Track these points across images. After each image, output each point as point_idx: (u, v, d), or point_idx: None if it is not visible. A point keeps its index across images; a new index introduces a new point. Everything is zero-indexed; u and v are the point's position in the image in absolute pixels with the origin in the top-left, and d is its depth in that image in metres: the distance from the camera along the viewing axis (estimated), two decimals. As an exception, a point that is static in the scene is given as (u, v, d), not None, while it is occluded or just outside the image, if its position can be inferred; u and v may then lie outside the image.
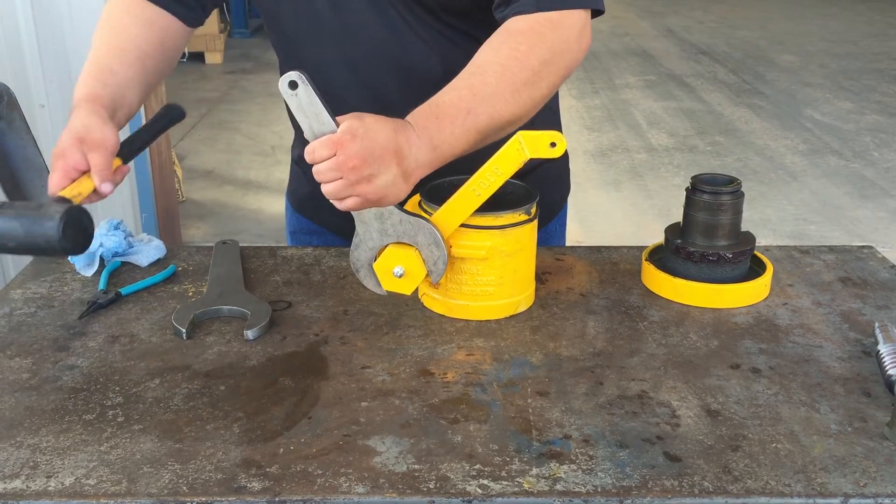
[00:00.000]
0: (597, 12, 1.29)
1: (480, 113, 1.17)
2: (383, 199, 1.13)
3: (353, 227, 1.45)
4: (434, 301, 1.27)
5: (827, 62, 8.54)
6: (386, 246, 1.20)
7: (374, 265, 1.20)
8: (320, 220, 1.63)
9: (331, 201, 1.14)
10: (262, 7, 1.43)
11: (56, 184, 1.16)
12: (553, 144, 1.15)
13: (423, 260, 1.19)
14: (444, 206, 1.19)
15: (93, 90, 1.28)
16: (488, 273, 1.23)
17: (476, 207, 1.19)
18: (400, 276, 1.19)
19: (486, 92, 1.18)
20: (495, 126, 1.20)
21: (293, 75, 1.08)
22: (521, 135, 1.16)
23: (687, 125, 6.48)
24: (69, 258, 1.39)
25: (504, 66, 1.20)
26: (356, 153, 1.08)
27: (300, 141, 1.61)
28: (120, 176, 1.20)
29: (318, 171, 1.10)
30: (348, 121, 1.10)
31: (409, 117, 1.17)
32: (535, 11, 1.23)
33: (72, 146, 1.19)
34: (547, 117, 1.50)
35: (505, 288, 1.25)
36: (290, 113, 1.47)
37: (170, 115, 1.34)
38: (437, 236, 1.18)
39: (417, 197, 1.29)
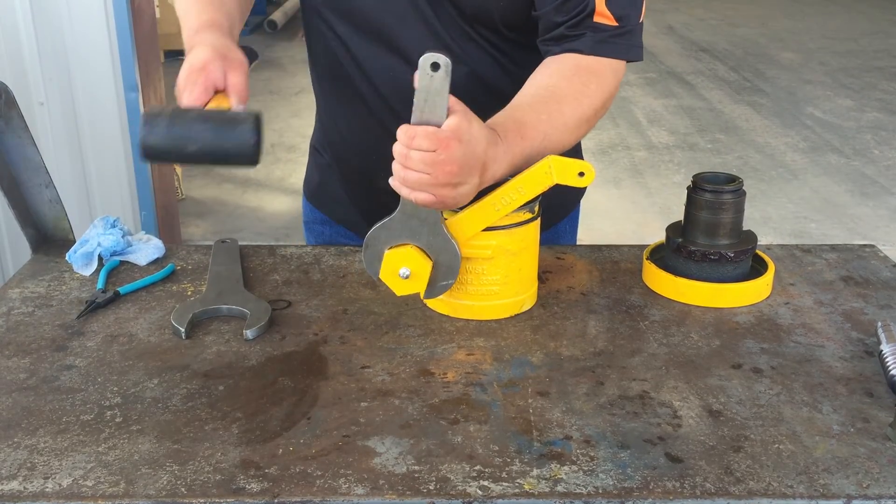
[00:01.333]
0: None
1: (553, 140, 1.22)
2: (455, 204, 1.13)
3: (359, 221, 1.43)
4: (438, 302, 1.26)
5: (827, 60, 8.53)
6: (404, 244, 1.18)
7: (381, 272, 1.19)
8: (329, 211, 1.65)
9: (396, 186, 1.11)
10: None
11: (198, 97, 1.16)
12: (581, 174, 1.17)
13: (431, 276, 1.18)
14: (462, 214, 1.18)
15: (211, 16, 1.29)
16: (494, 272, 1.22)
17: (493, 222, 1.19)
18: (406, 278, 1.18)
19: (561, 122, 1.23)
20: (555, 152, 1.22)
21: (440, 58, 1.05)
22: (552, 159, 1.17)
23: (687, 123, 6.48)
24: (67, 257, 1.38)
25: (577, 100, 1.26)
26: (456, 159, 1.07)
27: (321, 131, 1.61)
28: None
29: (409, 159, 1.07)
30: (457, 120, 1.08)
31: (497, 128, 1.16)
32: (593, 55, 1.29)
33: (214, 62, 1.19)
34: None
35: (510, 287, 1.24)
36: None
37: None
38: (457, 265, 1.18)
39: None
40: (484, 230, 1.20)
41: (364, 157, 1.50)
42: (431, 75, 1.06)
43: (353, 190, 1.58)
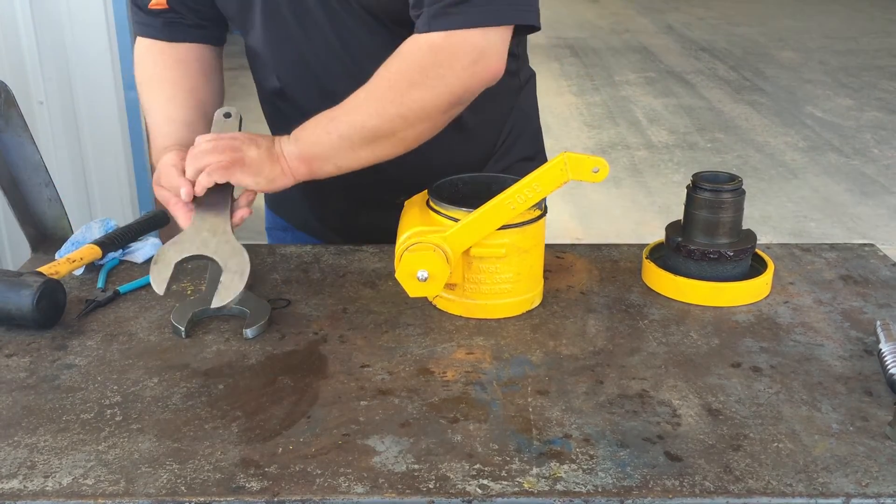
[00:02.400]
0: (524, 28, 1.28)
1: (342, 121, 1.26)
2: (257, 171, 1.26)
3: (323, 225, 1.46)
4: (450, 302, 1.26)
5: (827, 59, 8.53)
6: (183, 259, 1.21)
7: (397, 273, 1.19)
8: (291, 218, 1.67)
9: (195, 179, 1.25)
10: (232, 16, 1.46)
11: (204, 183, 1.26)
12: (596, 170, 1.19)
13: (221, 282, 1.19)
14: (479, 213, 1.18)
15: (177, 139, 1.38)
16: (506, 271, 1.22)
17: (508, 220, 1.19)
18: (424, 280, 1.18)
19: (352, 105, 1.26)
20: (359, 135, 1.25)
21: (231, 109, 1.38)
22: (566, 156, 1.19)
23: (687, 122, 6.48)
24: (57, 256, 1.38)
25: (374, 83, 1.26)
26: (230, 138, 1.28)
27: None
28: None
29: (200, 157, 1.24)
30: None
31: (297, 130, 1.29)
32: (425, 32, 1.24)
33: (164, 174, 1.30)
34: (527, 139, 1.59)
35: (521, 284, 1.25)
36: (266, 112, 1.58)
37: (156, 220, 1.50)
38: (247, 270, 1.20)
39: (425, 193, 1.29)
40: (497, 229, 1.20)
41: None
42: (224, 121, 1.35)
43: (310, 196, 1.58)
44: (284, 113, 1.49)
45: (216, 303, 1.18)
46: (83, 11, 3.14)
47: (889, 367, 1.09)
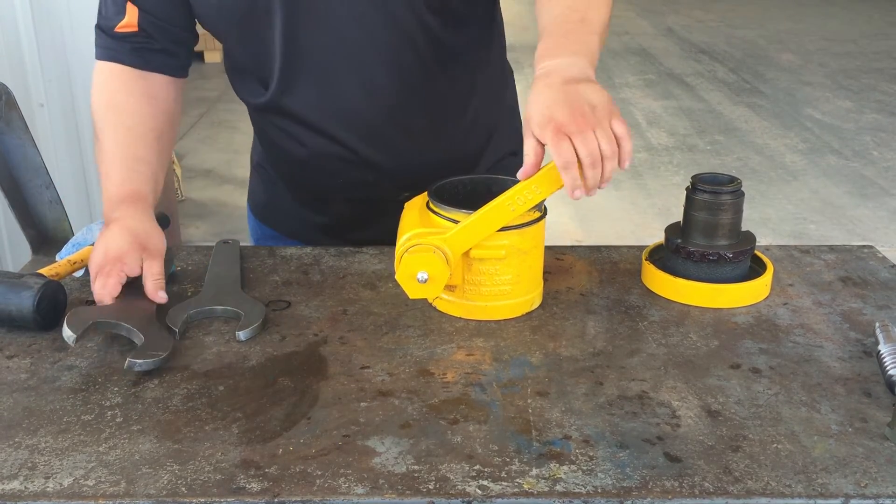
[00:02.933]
0: None
1: (591, 18, 1.23)
2: (612, 105, 1.15)
3: (314, 234, 1.45)
4: (449, 304, 1.26)
5: (826, 61, 8.54)
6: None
7: (397, 275, 1.18)
8: (281, 227, 1.64)
9: (584, 159, 1.10)
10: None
11: (111, 290, 1.20)
12: None
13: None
14: (478, 215, 1.19)
15: (136, 187, 1.31)
16: (506, 272, 1.23)
17: (508, 221, 1.19)
18: (423, 282, 1.17)
19: (585, 4, 1.24)
20: (604, 25, 1.25)
21: None
22: None
23: (686, 124, 6.48)
24: (57, 258, 1.39)
25: None
26: (566, 116, 1.10)
27: (259, 146, 1.61)
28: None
29: (590, 152, 1.09)
30: (532, 125, 1.12)
31: (540, 58, 1.19)
32: None
33: (132, 253, 1.23)
34: (513, 134, 1.58)
35: (521, 286, 1.25)
36: (253, 119, 1.54)
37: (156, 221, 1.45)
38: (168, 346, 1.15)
39: (425, 195, 1.29)
40: (497, 231, 1.20)
41: (319, 177, 1.48)
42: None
43: (307, 203, 1.57)
44: (279, 125, 1.46)
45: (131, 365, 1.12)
46: (84, 13, 3.14)
47: (888, 368, 1.09)
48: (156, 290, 1.22)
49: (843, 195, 5.11)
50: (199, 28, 1.43)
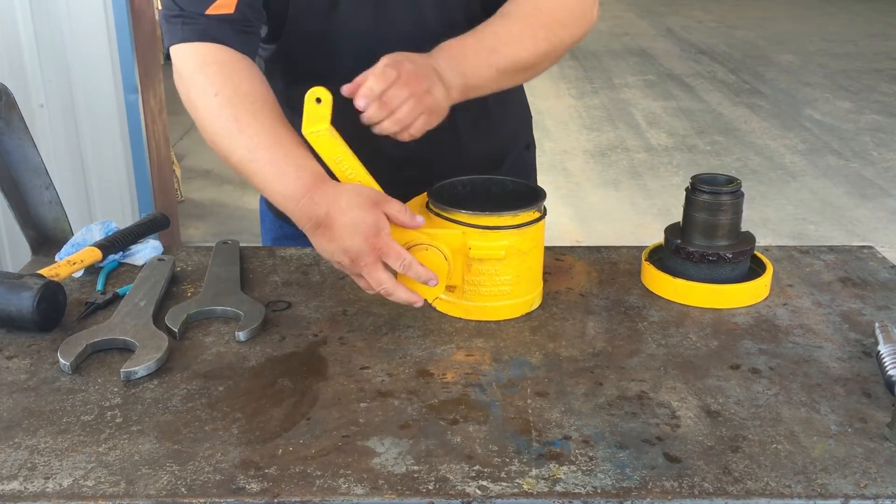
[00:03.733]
0: None
1: (503, 54, 1.28)
2: (440, 112, 1.20)
3: None
4: (449, 305, 1.26)
5: (826, 62, 8.54)
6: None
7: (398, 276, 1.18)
8: None
9: (393, 133, 1.17)
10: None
11: (408, 262, 1.14)
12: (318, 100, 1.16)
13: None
14: (479, 217, 1.21)
15: (314, 168, 1.18)
16: (505, 272, 1.23)
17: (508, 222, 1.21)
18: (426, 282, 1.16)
19: (509, 38, 1.29)
20: (513, 68, 1.29)
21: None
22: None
23: (686, 125, 6.48)
24: (57, 258, 1.39)
25: (526, 19, 1.30)
26: (412, 70, 1.17)
27: None
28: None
29: (390, 98, 1.14)
30: (384, 57, 1.17)
31: (434, 51, 1.25)
32: None
33: (377, 216, 1.12)
34: (527, 128, 1.64)
35: (521, 286, 1.25)
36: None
37: (155, 223, 1.49)
38: (164, 347, 1.14)
39: (425, 196, 1.29)
40: (497, 231, 1.20)
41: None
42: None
43: None
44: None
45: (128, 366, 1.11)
46: (83, 15, 3.14)
47: (887, 368, 1.09)
48: (413, 217, 1.16)
49: (842, 196, 5.12)
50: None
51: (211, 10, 1.23)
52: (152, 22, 3.65)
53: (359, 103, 1.14)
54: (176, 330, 1.19)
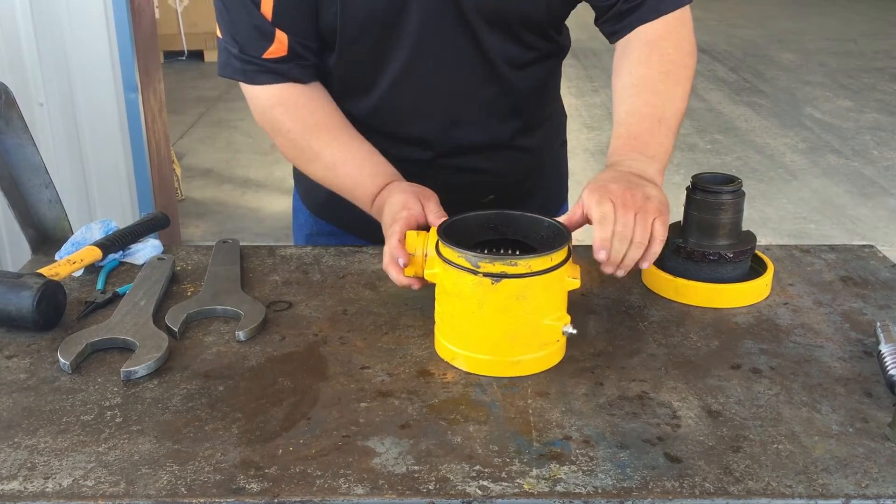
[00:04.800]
0: None
1: (669, 116, 1.30)
2: (665, 203, 1.18)
3: (373, 227, 1.40)
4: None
5: (826, 60, 8.54)
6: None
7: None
8: (342, 222, 1.61)
9: (644, 259, 1.16)
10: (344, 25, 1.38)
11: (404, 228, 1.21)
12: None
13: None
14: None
15: (385, 176, 1.35)
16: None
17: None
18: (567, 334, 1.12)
19: (663, 100, 1.31)
20: (680, 121, 1.33)
21: None
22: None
23: (686, 123, 6.48)
24: (57, 257, 1.38)
25: (665, 72, 1.32)
26: (619, 189, 1.15)
27: None
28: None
29: (622, 228, 1.13)
30: (587, 193, 1.18)
31: (616, 155, 1.28)
32: (659, 17, 1.34)
33: (406, 198, 1.25)
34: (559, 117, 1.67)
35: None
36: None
37: (155, 222, 1.49)
38: (164, 346, 1.15)
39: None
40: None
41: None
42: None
43: None
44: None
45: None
46: (83, 14, 3.14)
47: (889, 368, 1.09)
48: (438, 217, 1.22)
49: (843, 194, 5.11)
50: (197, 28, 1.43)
51: (267, 55, 1.35)
52: (152, 21, 3.65)
53: (600, 256, 1.14)
54: (176, 329, 1.19)
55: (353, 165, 1.37)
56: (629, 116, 1.30)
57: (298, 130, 1.39)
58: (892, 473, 0.92)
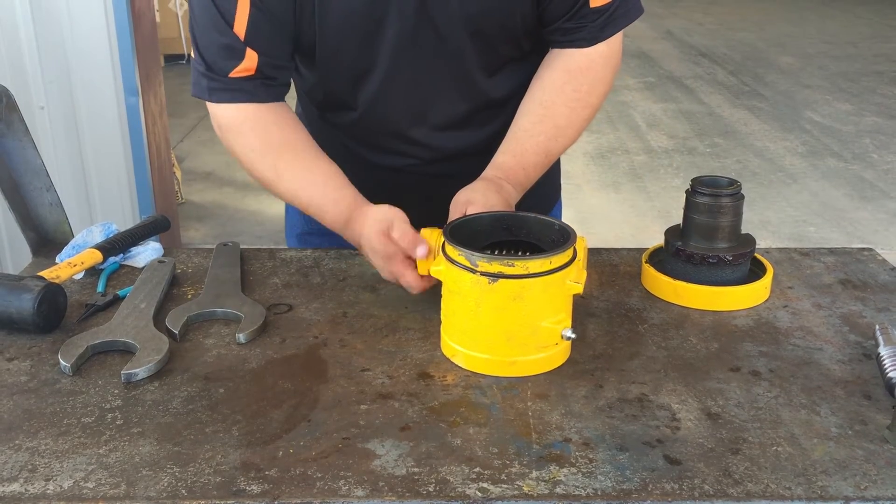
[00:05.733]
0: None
1: (555, 152, 1.42)
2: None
3: None
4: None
5: (826, 64, 8.55)
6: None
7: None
8: None
9: None
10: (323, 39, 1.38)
11: (414, 279, 1.24)
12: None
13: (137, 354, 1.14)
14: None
15: (349, 199, 1.34)
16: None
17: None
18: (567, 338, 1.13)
19: (559, 135, 1.40)
20: (560, 153, 1.44)
21: None
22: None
23: (686, 127, 6.49)
24: (57, 259, 1.39)
25: (571, 108, 1.40)
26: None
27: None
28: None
29: None
30: (453, 206, 1.28)
31: (501, 172, 1.36)
32: (592, 45, 1.39)
33: (384, 244, 1.24)
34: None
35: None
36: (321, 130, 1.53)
37: (156, 225, 1.50)
38: (164, 349, 1.15)
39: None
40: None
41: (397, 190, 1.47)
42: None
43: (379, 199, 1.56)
44: (351, 146, 1.52)
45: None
46: (84, 17, 3.15)
47: (888, 370, 1.09)
48: (415, 246, 1.22)
49: (842, 198, 5.12)
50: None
51: (234, 74, 1.34)
52: (153, 24, 3.66)
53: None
54: (176, 332, 1.19)
55: (317, 191, 1.36)
56: (527, 139, 1.39)
57: (262, 149, 1.37)
58: (890, 475, 0.93)
